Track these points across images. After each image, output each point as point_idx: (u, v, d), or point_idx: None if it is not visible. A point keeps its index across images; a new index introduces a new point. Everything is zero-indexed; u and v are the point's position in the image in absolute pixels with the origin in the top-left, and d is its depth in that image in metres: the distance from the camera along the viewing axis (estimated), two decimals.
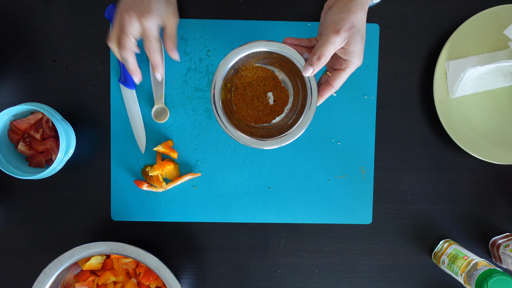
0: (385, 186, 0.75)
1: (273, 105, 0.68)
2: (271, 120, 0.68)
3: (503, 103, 0.74)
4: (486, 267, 0.64)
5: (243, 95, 0.67)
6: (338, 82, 0.61)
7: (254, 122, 0.68)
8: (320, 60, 0.58)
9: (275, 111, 0.68)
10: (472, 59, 0.72)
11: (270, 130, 0.67)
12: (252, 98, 0.67)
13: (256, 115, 0.68)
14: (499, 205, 0.76)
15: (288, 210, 0.75)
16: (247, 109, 0.67)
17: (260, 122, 0.68)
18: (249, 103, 0.67)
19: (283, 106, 0.68)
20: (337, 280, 0.76)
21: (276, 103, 0.68)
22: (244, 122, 0.67)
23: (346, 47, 0.58)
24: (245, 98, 0.67)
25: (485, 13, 0.71)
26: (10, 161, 0.69)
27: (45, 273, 0.64)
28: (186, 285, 0.75)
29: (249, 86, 0.67)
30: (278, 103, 0.68)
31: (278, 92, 0.68)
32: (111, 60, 0.73)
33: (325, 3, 0.62)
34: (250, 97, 0.67)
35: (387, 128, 0.75)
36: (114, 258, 0.70)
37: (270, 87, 0.67)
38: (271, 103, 0.68)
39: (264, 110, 0.68)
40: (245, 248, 0.75)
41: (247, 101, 0.67)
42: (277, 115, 0.68)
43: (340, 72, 0.60)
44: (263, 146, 0.63)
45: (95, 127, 0.73)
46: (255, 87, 0.67)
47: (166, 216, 0.74)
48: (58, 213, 0.74)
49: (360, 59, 0.59)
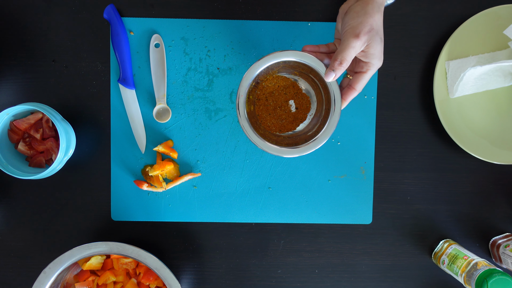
0: (385, 186, 0.75)
1: (296, 112, 0.69)
2: (295, 128, 0.69)
3: (503, 103, 0.74)
4: (486, 267, 0.64)
5: (265, 105, 0.68)
6: (361, 85, 0.62)
7: (279, 131, 0.68)
8: (341, 65, 0.58)
9: (298, 118, 0.69)
10: (472, 59, 0.72)
11: (296, 138, 0.67)
12: (275, 108, 0.68)
13: (280, 124, 0.69)
14: (499, 205, 0.76)
15: (288, 210, 0.75)
16: (271, 119, 0.68)
17: (284, 130, 0.69)
18: (272, 112, 0.68)
19: (305, 113, 0.69)
20: (337, 280, 0.76)
21: (298, 110, 0.69)
22: (269, 132, 0.68)
23: (366, 50, 0.59)
24: (268, 108, 0.68)
25: (485, 13, 0.71)
26: (10, 161, 0.69)
27: (45, 273, 0.64)
28: (186, 285, 0.75)
29: (270, 96, 0.68)
30: (301, 109, 0.69)
31: (299, 99, 0.69)
32: (111, 60, 0.73)
33: (340, 8, 0.63)
34: (272, 106, 0.68)
35: (387, 128, 0.75)
36: (114, 258, 0.70)
37: (291, 95, 0.68)
38: (294, 111, 0.69)
39: (287, 118, 0.69)
40: (245, 248, 0.75)
41: (270, 111, 0.68)
42: (301, 121, 0.69)
43: (362, 74, 0.61)
44: (292, 154, 0.64)
45: (95, 127, 0.73)
46: (276, 97, 0.68)
47: (166, 216, 0.74)
48: (58, 213, 0.74)
49: (380, 60, 0.60)
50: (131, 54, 0.72)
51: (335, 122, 0.63)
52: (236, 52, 0.73)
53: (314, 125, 0.67)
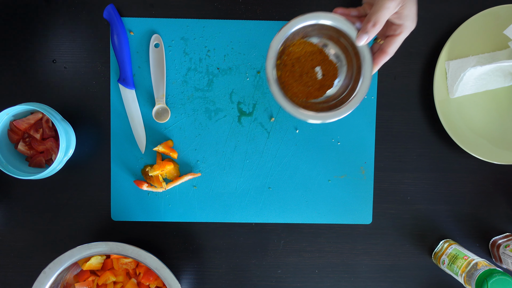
0: (385, 186, 0.75)
1: (322, 79, 0.67)
2: (322, 95, 0.67)
3: (503, 103, 0.74)
4: (486, 267, 0.64)
5: (291, 71, 0.66)
6: (393, 48, 0.60)
7: (306, 98, 0.66)
8: (375, 27, 0.57)
9: (325, 85, 0.67)
10: (472, 59, 0.72)
11: (325, 105, 0.65)
12: (301, 74, 0.66)
13: (307, 91, 0.66)
14: (499, 205, 0.76)
15: (288, 210, 0.75)
16: (297, 85, 0.66)
17: (311, 97, 0.67)
18: (298, 79, 0.66)
19: (332, 80, 0.67)
20: (337, 280, 0.76)
21: (325, 77, 0.67)
22: (296, 99, 0.66)
23: (401, 11, 0.57)
24: (294, 75, 0.66)
25: (485, 13, 0.71)
26: (10, 161, 0.69)
27: (45, 273, 0.64)
28: (186, 285, 0.75)
29: (297, 62, 0.66)
30: (327, 76, 0.67)
31: (326, 65, 0.66)
32: (111, 60, 0.73)
33: None
34: (298, 73, 0.66)
35: (387, 128, 0.75)
36: (114, 258, 0.70)
37: (317, 61, 0.66)
38: (320, 78, 0.67)
39: (313, 85, 0.66)
40: (245, 248, 0.75)
41: (296, 78, 0.66)
42: (328, 88, 0.67)
43: (395, 37, 0.59)
44: (325, 119, 0.62)
45: (95, 127, 0.73)
46: (303, 63, 0.66)
47: (166, 216, 0.74)
48: (58, 213, 0.74)
49: (414, 22, 0.59)
50: (131, 54, 0.72)
51: (367, 86, 0.62)
52: (236, 52, 0.73)
53: (342, 92, 0.65)
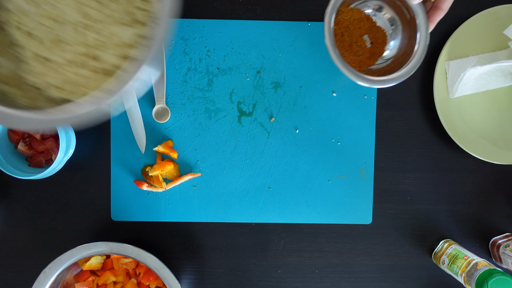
0: (385, 186, 0.75)
1: (372, 47, 0.66)
2: (374, 63, 0.67)
3: (503, 103, 0.74)
4: (486, 267, 0.64)
5: (341, 41, 0.65)
6: (448, 3, 0.59)
7: (359, 67, 0.66)
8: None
9: (375, 53, 0.66)
10: (472, 59, 0.72)
11: (381, 70, 0.65)
12: (350, 44, 0.65)
13: (359, 60, 0.66)
14: (499, 205, 0.76)
15: (288, 210, 0.75)
16: (349, 56, 0.65)
17: (364, 66, 0.66)
18: (348, 49, 0.65)
19: (382, 47, 0.66)
20: (337, 280, 0.76)
21: (374, 44, 0.66)
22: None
23: None
24: (344, 45, 0.65)
25: (485, 13, 0.71)
26: (10, 161, 0.69)
27: (45, 273, 0.64)
28: (186, 285, 0.75)
29: (346, 31, 0.65)
30: (376, 44, 0.66)
31: (374, 33, 0.66)
32: None
33: None
34: (348, 42, 0.65)
35: (387, 128, 0.75)
36: (114, 258, 0.70)
37: (365, 29, 0.66)
38: (369, 46, 0.66)
39: (364, 53, 0.66)
40: (245, 248, 0.75)
41: (346, 48, 0.65)
42: (378, 56, 0.67)
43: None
44: (385, 84, 0.62)
45: (95, 127, 0.73)
46: (351, 31, 0.65)
47: (166, 216, 0.74)
48: (58, 213, 0.74)
49: None
50: None
51: (424, 47, 0.62)
52: (236, 52, 0.73)
53: (398, 56, 0.65)
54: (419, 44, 0.62)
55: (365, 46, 0.66)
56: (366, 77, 0.61)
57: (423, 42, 0.62)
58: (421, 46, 0.62)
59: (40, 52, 0.50)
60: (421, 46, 0.62)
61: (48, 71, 0.50)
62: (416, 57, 0.62)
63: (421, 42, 0.62)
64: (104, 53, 0.49)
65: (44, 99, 0.50)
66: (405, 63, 0.63)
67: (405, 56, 0.64)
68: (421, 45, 0.62)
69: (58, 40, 0.50)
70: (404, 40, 0.66)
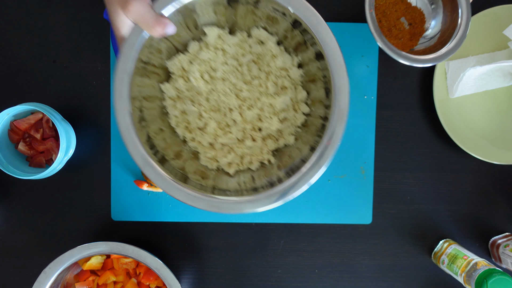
0: (385, 186, 0.75)
1: (411, 28, 0.65)
2: (416, 43, 0.66)
3: (503, 103, 0.74)
4: (486, 267, 0.64)
5: (380, 27, 0.64)
6: None
7: (402, 50, 0.64)
8: None
9: (415, 33, 0.66)
10: (472, 59, 0.72)
11: (427, 50, 0.64)
12: (389, 28, 0.65)
13: (400, 43, 0.65)
14: (499, 205, 0.76)
15: (288, 210, 0.75)
16: (390, 40, 0.64)
17: (407, 48, 0.65)
18: (388, 34, 0.65)
19: (421, 26, 0.66)
20: (337, 280, 0.76)
21: (412, 25, 0.65)
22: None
23: None
24: (383, 30, 0.64)
25: (485, 13, 0.71)
26: (10, 161, 0.69)
27: (45, 273, 0.64)
28: (186, 285, 0.75)
29: (383, 16, 0.64)
30: (415, 24, 0.66)
31: (411, 13, 0.65)
32: (111, 60, 0.73)
33: None
34: (386, 27, 0.65)
35: (387, 128, 0.75)
36: (114, 258, 0.70)
37: (401, 11, 0.65)
38: (407, 28, 0.66)
39: (404, 36, 0.65)
40: (245, 248, 0.75)
41: (386, 33, 0.65)
42: (419, 36, 0.66)
43: None
44: (435, 61, 0.62)
45: (95, 127, 0.73)
46: (388, 16, 0.65)
47: (166, 216, 0.74)
48: (58, 213, 0.74)
49: None
50: None
51: (467, 20, 0.61)
52: None
53: (444, 32, 0.64)
54: (461, 18, 0.61)
55: (404, 28, 0.65)
56: (414, 57, 0.61)
57: (465, 15, 0.61)
58: (464, 19, 0.61)
59: (211, 141, 0.60)
60: (464, 19, 0.62)
61: (219, 153, 0.60)
62: (461, 31, 0.61)
63: (463, 15, 0.62)
64: (267, 123, 0.59)
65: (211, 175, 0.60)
66: (450, 39, 0.62)
67: (450, 30, 0.63)
68: (464, 18, 0.62)
69: (226, 125, 0.60)
70: (447, 16, 0.65)
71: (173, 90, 0.59)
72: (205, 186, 0.55)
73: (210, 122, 0.59)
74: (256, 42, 0.60)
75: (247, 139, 0.59)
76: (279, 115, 0.59)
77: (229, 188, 0.55)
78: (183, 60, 0.59)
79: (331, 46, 0.50)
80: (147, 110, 0.56)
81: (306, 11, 0.51)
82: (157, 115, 0.58)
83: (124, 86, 0.50)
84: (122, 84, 0.50)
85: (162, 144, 0.56)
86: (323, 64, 0.53)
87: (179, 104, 0.59)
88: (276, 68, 0.59)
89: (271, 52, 0.59)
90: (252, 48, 0.60)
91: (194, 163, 0.59)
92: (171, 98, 0.60)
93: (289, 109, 0.60)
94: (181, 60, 0.59)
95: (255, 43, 0.60)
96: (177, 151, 0.59)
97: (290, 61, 0.59)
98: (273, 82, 0.59)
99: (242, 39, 0.60)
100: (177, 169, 0.55)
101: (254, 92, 0.59)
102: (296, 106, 0.61)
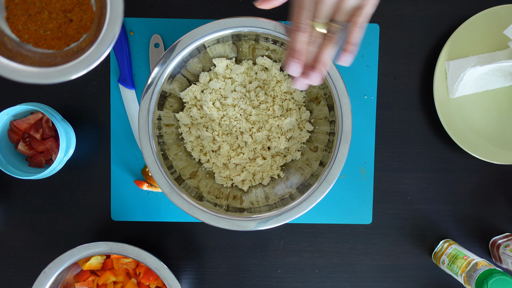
0: (385, 186, 0.75)
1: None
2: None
3: (503, 103, 0.74)
4: (486, 267, 0.64)
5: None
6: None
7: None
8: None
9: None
10: (472, 59, 0.72)
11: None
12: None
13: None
14: (499, 205, 0.76)
15: None
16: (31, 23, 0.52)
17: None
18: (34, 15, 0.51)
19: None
20: (337, 280, 0.76)
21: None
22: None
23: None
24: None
25: (485, 13, 0.71)
26: (10, 161, 0.69)
27: (45, 273, 0.64)
28: (186, 285, 0.75)
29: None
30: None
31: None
32: (111, 60, 0.73)
33: None
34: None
35: (387, 128, 0.75)
36: (114, 258, 0.70)
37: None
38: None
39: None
40: (245, 248, 0.75)
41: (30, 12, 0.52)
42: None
43: (358, 15, 0.48)
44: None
45: (95, 127, 0.73)
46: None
47: (166, 216, 0.74)
48: (58, 213, 0.74)
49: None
50: (131, 54, 0.72)
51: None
52: None
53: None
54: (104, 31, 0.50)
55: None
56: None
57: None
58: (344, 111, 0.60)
59: (225, 162, 0.66)
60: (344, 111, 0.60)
61: (232, 172, 0.67)
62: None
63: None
64: (275, 142, 0.66)
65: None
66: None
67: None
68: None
69: (238, 147, 0.66)
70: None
71: (188, 118, 0.66)
72: (220, 205, 0.62)
73: (223, 145, 0.65)
74: (261, 69, 0.66)
75: (258, 158, 0.66)
76: (286, 134, 0.66)
77: (244, 207, 0.63)
78: (195, 90, 0.65)
79: (331, 73, 0.57)
80: (167, 135, 0.65)
81: None
82: (173, 142, 0.65)
83: (149, 124, 0.60)
84: (145, 122, 0.59)
85: (179, 165, 0.64)
86: (323, 84, 0.58)
87: (193, 130, 0.66)
88: (281, 92, 0.66)
89: (275, 78, 0.65)
90: (258, 74, 0.66)
91: (209, 181, 0.66)
92: (185, 125, 0.66)
93: (295, 128, 0.67)
94: (194, 91, 0.65)
95: (260, 70, 0.66)
96: (193, 172, 0.66)
97: None
98: (279, 105, 0.66)
99: (248, 67, 0.67)
100: (192, 188, 0.62)
101: (262, 116, 0.66)
102: (301, 125, 0.68)
